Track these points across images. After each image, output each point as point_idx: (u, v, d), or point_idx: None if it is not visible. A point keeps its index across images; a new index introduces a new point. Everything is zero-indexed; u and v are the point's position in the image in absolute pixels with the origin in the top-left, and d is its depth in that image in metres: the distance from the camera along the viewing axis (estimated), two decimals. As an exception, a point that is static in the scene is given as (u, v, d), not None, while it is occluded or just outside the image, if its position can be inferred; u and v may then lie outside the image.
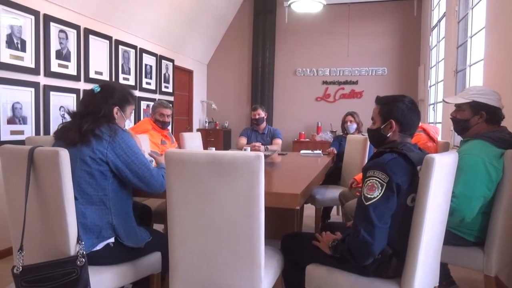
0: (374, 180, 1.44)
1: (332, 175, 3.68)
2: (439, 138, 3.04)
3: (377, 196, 1.42)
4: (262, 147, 3.83)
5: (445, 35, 4.52)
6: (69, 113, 1.75)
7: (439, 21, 5.06)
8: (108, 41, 4.40)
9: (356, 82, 6.62)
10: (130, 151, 1.68)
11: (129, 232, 1.71)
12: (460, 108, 2.00)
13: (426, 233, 1.45)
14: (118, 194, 1.71)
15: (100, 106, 1.72)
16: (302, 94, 6.82)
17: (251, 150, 3.53)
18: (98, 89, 1.76)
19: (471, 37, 3.73)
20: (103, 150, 1.64)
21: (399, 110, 1.60)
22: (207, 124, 7.05)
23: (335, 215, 4.20)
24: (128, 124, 1.91)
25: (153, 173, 1.73)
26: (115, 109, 1.77)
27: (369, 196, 1.43)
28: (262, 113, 4.21)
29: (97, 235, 1.62)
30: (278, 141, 4.17)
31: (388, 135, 1.62)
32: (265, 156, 3.00)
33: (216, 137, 6.75)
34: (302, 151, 4.05)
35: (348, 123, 4.03)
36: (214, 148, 3.20)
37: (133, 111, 1.93)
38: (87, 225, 1.60)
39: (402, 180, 1.44)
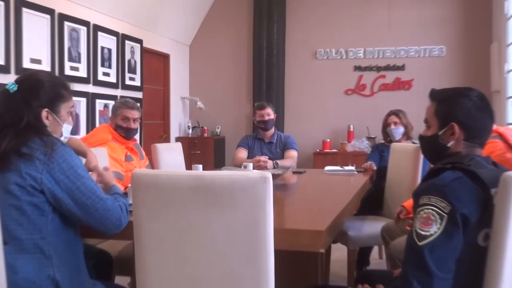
0: (430, 210, 1.45)
1: (371, 202, 3.68)
2: (523, 147, 3.02)
3: (435, 232, 1.43)
4: (270, 163, 3.82)
5: (528, -1, 4.52)
6: None
7: (519, -21, 5.08)
8: (49, 16, 4.44)
9: (402, 67, 6.61)
10: (74, 174, 1.68)
11: (79, 290, 1.71)
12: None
13: (507, 284, 1.45)
14: (62, 236, 1.70)
15: (21, 112, 1.71)
16: (326, 85, 6.80)
17: (254, 167, 3.55)
18: (15, 87, 1.75)
19: None
20: (36, 175, 1.64)
21: (464, 109, 1.63)
22: (190, 131, 7.03)
23: (377, 259, 4.17)
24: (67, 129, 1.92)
25: (107, 204, 1.73)
26: (44, 113, 1.76)
27: (423, 233, 1.44)
28: (271, 114, 4.25)
29: (34, 295, 1.62)
30: (293, 154, 4.17)
31: (448, 145, 1.65)
32: (275, 176, 2.91)
33: (204, 149, 6.74)
34: (327, 168, 4.04)
35: (392, 126, 4.03)
36: (201, 166, 3.24)
37: (72, 110, 1.93)
38: (18, 282, 1.59)
39: (470, 210, 1.45)
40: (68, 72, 4.69)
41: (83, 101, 4.92)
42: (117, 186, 1.95)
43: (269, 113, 4.23)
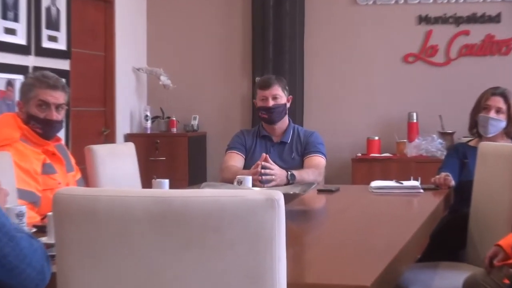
0: None
1: (447, 238, 3.81)
2: None
3: None
4: (282, 174, 3.92)
5: None
6: None
7: None
8: None
9: (496, 19, 6.65)
10: None
11: None
12: None
13: None
14: None
15: None
16: (372, 48, 6.87)
17: (254, 182, 3.57)
18: None
19: None
20: None
21: None
22: (149, 123, 7.11)
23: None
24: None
25: (21, 246, 1.73)
26: None
27: None
28: (282, 95, 4.32)
29: None
30: (318, 161, 4.32)
31: None
32: (289, 197, 3.03)
33: (172, 152, 6.88)
34: (374, 183, 4.17)
35: (491, 114, 4.08)
36: (167, 182, 3.39)
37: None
38: None
39: None
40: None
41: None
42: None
43: (278, 95, 4.31)
